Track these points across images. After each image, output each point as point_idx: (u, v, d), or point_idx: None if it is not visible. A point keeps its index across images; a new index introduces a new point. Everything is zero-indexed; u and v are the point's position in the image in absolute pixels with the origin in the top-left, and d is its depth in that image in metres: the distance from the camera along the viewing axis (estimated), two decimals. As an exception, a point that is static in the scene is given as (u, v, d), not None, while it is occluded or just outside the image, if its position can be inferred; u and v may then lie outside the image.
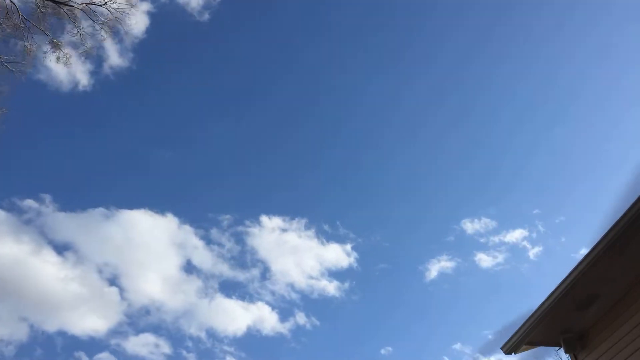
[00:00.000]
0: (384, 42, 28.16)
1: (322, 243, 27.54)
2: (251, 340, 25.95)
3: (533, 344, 7.42)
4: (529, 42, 27.32)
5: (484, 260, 27.28)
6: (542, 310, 6.57)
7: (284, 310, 26.62)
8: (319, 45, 27.94)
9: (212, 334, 25.36)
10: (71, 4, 11.27)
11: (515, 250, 27.89)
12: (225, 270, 26.47)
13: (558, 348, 7.48)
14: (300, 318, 26.20)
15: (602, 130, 28.93)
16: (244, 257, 26.95)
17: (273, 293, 26.55)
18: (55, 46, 11.61)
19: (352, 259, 27.19)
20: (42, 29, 11.26)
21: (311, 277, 26.86)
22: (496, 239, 27.58)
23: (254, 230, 27.04)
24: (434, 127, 29.98)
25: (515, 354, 7.51)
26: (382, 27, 27.41)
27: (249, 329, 25.81)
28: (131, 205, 27.64)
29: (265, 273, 27.06)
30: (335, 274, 27.28)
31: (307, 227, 27.34)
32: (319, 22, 27.42)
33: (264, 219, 26.86)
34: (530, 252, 27.68)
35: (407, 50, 28.33)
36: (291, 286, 26.71)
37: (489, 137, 30.25)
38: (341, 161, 30.58)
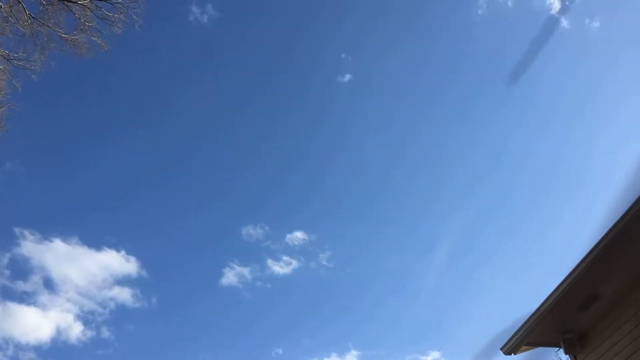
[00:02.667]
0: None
1: (97, 250, 26.06)
2: (57, 349, 24.97)
3: (533, 344, 7.43)
4: (365, 55, 26.65)
5: (277, 265, 27.19)
6: (542, 310, 6.58)
7: (85, 319, 25.48)
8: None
9: (9, 341, 24.26)
10: (74, 0, 11.36)
11: (306, 255, 27.87)
12: (2, 280, 24.97)
13: (558, 348, 7.49)
14: (104, 328, 25.45)
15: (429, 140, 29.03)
16: (18, 266, 25.30)
17: (69, 300, 25.44)
18: (65, 42, 11.72)
19: (133, 265, 25.96)
20: (50, 25, 11.37)
21: (99, 286, 25.89)
22: (281, 245, 27.68)
23: (18, 240, 25.34)
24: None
25: (514, 354, 7.52)
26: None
27: (52, 339, 24.76)
28: None
29: (49, 282, 25.63)
30: (122, 281, 26.02)
31: (69, 235, 26.16)
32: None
33: (17, 229, 25.11)
34: (321, 256, 27.81)
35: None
36: (83, 294, 25.70)
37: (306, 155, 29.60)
38: (91, 163, 27.97)
